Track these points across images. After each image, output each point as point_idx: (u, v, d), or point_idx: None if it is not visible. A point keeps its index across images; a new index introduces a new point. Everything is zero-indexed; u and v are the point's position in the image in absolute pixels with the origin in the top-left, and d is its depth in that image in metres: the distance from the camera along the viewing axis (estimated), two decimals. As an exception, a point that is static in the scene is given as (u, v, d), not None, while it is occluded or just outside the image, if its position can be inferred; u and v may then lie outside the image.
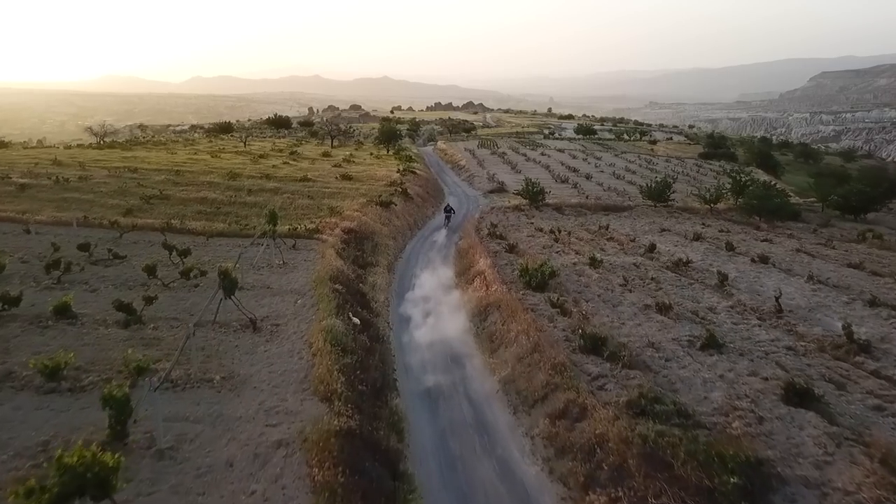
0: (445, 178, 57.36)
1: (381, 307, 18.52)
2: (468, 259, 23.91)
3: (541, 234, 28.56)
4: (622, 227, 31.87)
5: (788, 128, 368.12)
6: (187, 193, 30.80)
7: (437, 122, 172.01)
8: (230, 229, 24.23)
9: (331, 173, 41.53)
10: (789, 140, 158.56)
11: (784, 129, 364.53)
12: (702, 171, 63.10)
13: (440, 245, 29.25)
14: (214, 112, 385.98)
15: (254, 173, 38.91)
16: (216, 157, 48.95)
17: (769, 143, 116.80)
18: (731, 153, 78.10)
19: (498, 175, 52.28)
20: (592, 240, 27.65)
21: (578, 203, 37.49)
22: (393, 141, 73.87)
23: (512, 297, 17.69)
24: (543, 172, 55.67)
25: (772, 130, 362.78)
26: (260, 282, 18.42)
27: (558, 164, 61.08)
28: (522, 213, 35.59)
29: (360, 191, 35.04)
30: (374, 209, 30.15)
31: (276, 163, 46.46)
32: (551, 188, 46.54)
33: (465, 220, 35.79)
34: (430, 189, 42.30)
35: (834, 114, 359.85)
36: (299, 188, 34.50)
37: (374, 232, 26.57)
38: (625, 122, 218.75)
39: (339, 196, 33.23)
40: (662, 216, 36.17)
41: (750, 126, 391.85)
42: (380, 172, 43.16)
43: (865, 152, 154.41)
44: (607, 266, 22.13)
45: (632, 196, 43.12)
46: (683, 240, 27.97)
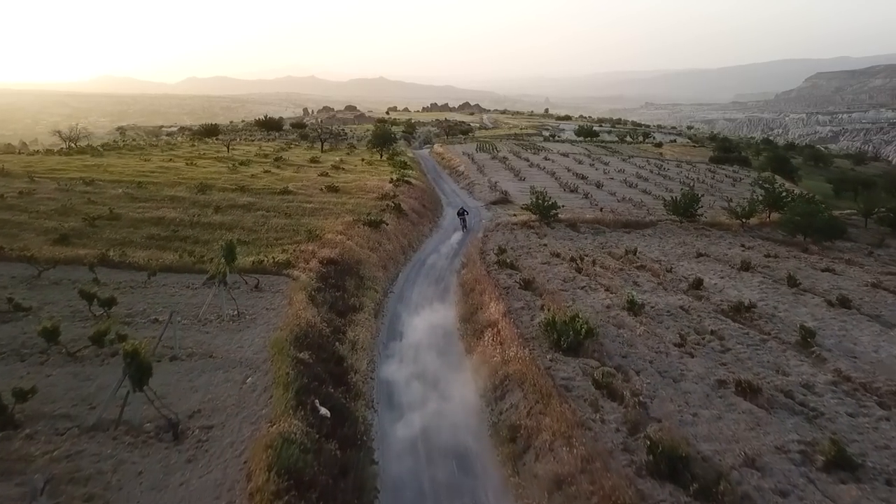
0: (443, 185, 52.70)
1: (362, 379, 13.84)
2: (474, 298, 19.30)
3: (558, 262, 23.94)
4: (650, 250, 27.30)
5: (785, 128, 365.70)
6: (143, 212, 26.06)
7: (433, 123, 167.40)
8: (181, 262, 19.51)
9: (316, 184, 36.83)
10: (794, 142, 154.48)
11: (781, 130, 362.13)
12: (717, 177, 58.63)
13: (440, 270, 24.65)
14: (209, 113, 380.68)
15: (228, 185, 34.18)
16: (192, 164, 44.18)
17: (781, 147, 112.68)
18: (743, 157, 73.68)
19: (500, 183, 47.67)
20: (621, 269, 23.03)
21: (595, 219, 32.90)
22: (387, 144, 69.17)
23: (538, 369, 13.09)
24: (549, 180, 51.09)
25: (769, 131, 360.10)
26: (202, 345, 13.74)
27: (564, 171, 56.50)
28: (532, 230, 30.99)
29: (347, 206, 30.36)
30: (362, 230, 25.48)
31: (257, 171, 41.72)
32: (560, 198, 41.95)
33: (469, 237, 31.30)
34: (426, 201, 37.65)
35: (830, 114, 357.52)
36: (276, 203, 29.80)
37: (359, 261, 21.91)
38: (622, 122, 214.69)
39: (321, 213, 28.56)
40: (691, 234, 31.62)
41: (747, 127, 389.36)
42: (371, 182, 38.47)
43: (872, 154, 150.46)
44: (650, 311, 17.54)
45: (651, 208, 38.58)
46: (729, 269, 23.39)
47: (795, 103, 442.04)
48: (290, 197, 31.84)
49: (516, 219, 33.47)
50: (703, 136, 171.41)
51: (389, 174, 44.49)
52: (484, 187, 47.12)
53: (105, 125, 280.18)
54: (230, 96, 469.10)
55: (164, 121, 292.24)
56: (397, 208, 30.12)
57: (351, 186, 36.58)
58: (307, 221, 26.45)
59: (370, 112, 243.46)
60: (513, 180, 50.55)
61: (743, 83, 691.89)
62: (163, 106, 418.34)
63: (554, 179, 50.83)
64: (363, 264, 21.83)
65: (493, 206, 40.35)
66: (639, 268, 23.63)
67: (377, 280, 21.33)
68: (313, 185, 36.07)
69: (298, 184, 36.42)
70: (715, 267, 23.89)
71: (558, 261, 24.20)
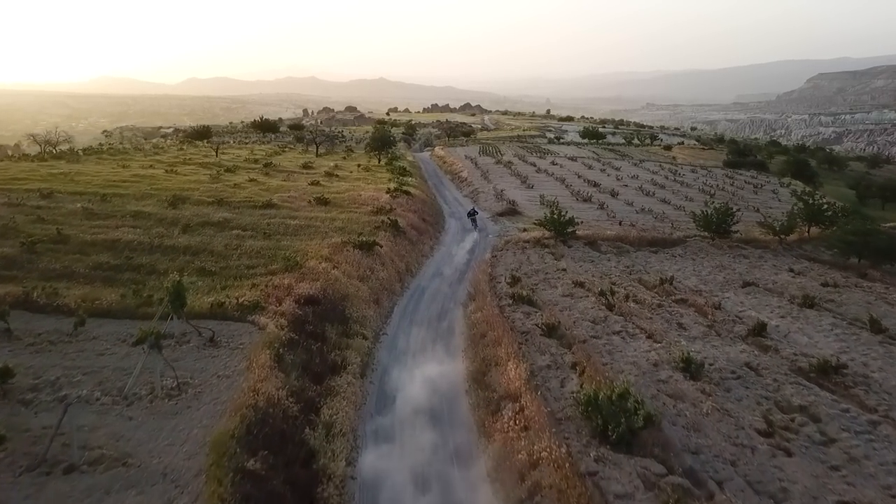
0: (445, 193, 48.88)
1: (337, 491, 9.98)
2: (487, 349, 15.46)
3: (583, 294, 20.09)
4: (684, 275, 23.43)
5: (788, 129, 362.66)
6: (97, 233, 22.22)
7: (434, 124, 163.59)
8: (122, 304, 15.66)
9: (304, 195, 33.00)
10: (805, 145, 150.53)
11: (783, 131, 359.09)
12: (736, 183, 54.72)
13: (442, 301, 20.82)
14: (210, 114, 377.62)
15: (205, 197, 30.34)
16: (172, 171, 40.32)
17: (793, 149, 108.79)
18: (760, 161, 69.76)
19: (507, 191, 43.82)
20: (659, 304, 19.18)
21: (617, 235, 29.02)
22: (386, 148, 65.36)
23: (580, 481, 9.30)
24: (559, 187, 47.25)
25: (771, 132, 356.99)
26: (117, 442, 9.90)
27: (574, 177, 52.63)
28: (547, 250, 27.12)
29: (337, 223, 26.53)
30: (351, 255, 21.64)
31: (242, 179, 37.85)
32: (573, 209, 38.13)
33: (478, 255, 27.50)
34: (427, 214, 33.79)
35: (833, 115, 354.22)
36: (256, 220, 25.95)
37: (346, 297, 18.07)
38: (625, 124, 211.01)
39: (306, 232, 24.71)
40: (726, 254, 27.77)
41: (749, 128, 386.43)
42: (365, 193, 34.62)
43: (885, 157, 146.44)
44: (712, 372, 13.72)
45: (675, 221, 34.74)
46: (787, 304, 19.52)
47: (797, 104, 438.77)
48: (272, 212, 28.00)
49: (528, 235, 29.62)
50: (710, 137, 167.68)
51: (387, 182, 40.65)
52: (489, 196, 43.28)
53: (104, 126, 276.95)
54: (230, 97, 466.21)
55: (164, 121, 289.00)
56: (394, 225, 26.27)
57: (343, 198, 32.72)
58: (288, 244, 22.60)
59: (370, 113, 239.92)
60: (520, 188, 46.70)
61: (743, 84, 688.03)
62: (163, 107, 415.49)
63: (564, 187, 46.97)
64: (350, 301, 17.98)
65: (501, 217, 36.51)
66: (679, 302, 19.78)
67: (367, 321, 17.47)
68: (301, 197, 32.23)
69: (285, 195, 32.57)
70: (769, 301, 20.01)
71: (583, 292, 20.35)
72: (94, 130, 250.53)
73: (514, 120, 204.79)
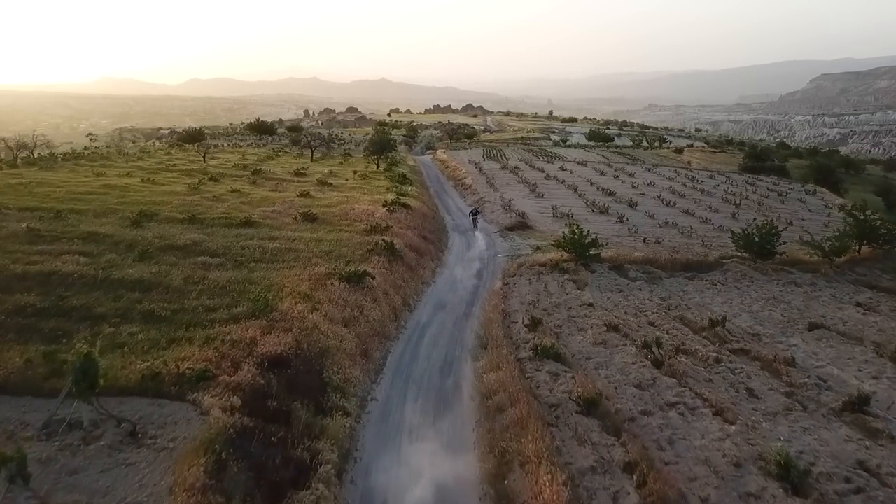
0: (448, 202, 45.10)
1: None
2: (506, 434, 11.63)
3: (619, 341, 16.26)
4: (735, 313, 19.52)
5: (791, 130, 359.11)
6: (33, 263, 18.38)
7: (435, 125, 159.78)
8: (23, 375, 11.84)
9: (291, 209, 29.19)
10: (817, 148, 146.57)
11: (787, 132, 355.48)
12: (758, 190, 50.82)
13: (446, 347, 17.04)
14: (211, 114, 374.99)
15: (177, 212, 26.56)
16: (149, 180, 36.52)
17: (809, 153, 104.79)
18: (780, 167, 65.79)
19: (515, 201, 39.99)
20: (716, 358, 15.29)
21: (645, 258, 25.15)
22: (385, 152, 61.62)
23: None
24: (572, 196, 43.42)
25: (774, 133, 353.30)
26: None
27: (586, 184, 48.78)
28: (567, 276, 23.26)
29: (323, 245, 22.69)
30: (336, 289, 17.82)
31: (225, 190, 34.03)
32: (589, 222, 34.35)
33: (487, 280, 23.73)
34: (428, 230, 29.95)
35: (837, 116, 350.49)
36: (230, 242, 22.15)
37: (325, 352, 14.24)
38: (629, 125, 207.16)
39: (286, 258, 20.89)
40: (773, 280, 23.87)
41: (752, 128, 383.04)
42: (360, 206, 30.79)
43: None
44: (818, 484, 9.90)
45: (703, 237, 30.91)
46: (875, 356, 15.60)
47: (800, 105, 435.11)
48: (250, 231, 24.15)
49: (543, 257, 25.75)
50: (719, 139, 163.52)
51: (384, 192, 36.88)
52: (496, 206, 39.46)
53: (105, 126, 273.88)
54: (232, 98, 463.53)
55: (166, 122, 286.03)
56: (389, 248, 22.42)
57: (333, 213, 28.88)
58: (262, 275, 18.78)
59: (372, 114, 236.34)
60: (529, 197, 42.87)
61: (745, 84, 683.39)
62: (164, 107, 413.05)
63: (577, 196, 43.12)
64: (331, 357, 14.16)
65: (510, 232, 32.69)
66: (738, 353, 15.90)
67: (350, 385, 13.63)
68: (286, 212, 28.42)
69: (268, 209, 28.76)
70: (849, 351, 16.12)
71: (618, 338, 16.50)
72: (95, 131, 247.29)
73: (516, 121, 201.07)
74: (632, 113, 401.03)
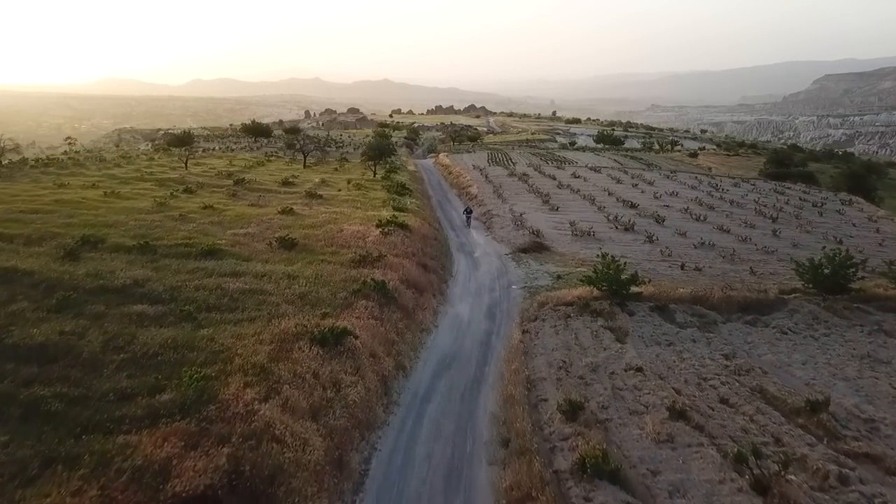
0: (451, 214, 40.54)
1: None
2: None
3: (691, 436, 11.65)
4: (828, 383, 14.90)
5: (796, 132, 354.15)
6: None
7: (437, 127, 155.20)
8: None
9: (268, 230, 24.62)
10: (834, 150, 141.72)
11: (792, 133, 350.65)
12: (790, 200, 46.07)
13: (452, 436, 12.52)
14: (213, 115, 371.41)
15: (128, 237, 21.98)
16: (114, 193, 31.83)
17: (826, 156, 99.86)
18: (807, 173, 61.00)
19: (527, 215, 35.37)
20: (839, 473, 10.69)
21: (693, 295, 20.48)
22: (384, 157, 57.06)
23: None
24: (589, 209, 38.77)
25: (779, 134, 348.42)
26: None
27: (603, 194, 44.11)
28: (601, 321, 18.63)
29: (299, 284, 18.09)
30: (306, 358, 13.20)
31: (196, 206, 29.42)
32: (613, 241, 29.80)
33: (501, 322, 19.18)
34: (430, 255, 25.29)
35: (841, 117, 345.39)
36: (182, 281, 17.58)
37: (277, 473, 9.63)
38: (634, 126, 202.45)
39: (248, 305, 16.27)
40: (854, 325, 19.18)
41: (756, 129, 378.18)
42: (350, 227, 26.13)
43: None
44: None
45: (747, 259, 26.30)
46: None
47: (804, 105, 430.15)
48: (212, 264, 19.55)
49: (568, 292, 21.11)
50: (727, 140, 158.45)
51: (380, 206, 32.35)
52: (506, 221, 34.83)
53: (107, 127, 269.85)
54: (234, 98, 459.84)
55: (168, 123, 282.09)
56: (380, 289, 17.82)
57: (318, 236, 24.23)
58: (210, 334, 14.13)
59: (373, 115, 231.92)
60: (542, 210, 38.22)
61: (748, 85, 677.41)
62: (166, 108, 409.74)
63: (596, 209, 38.45)
64: (286, 480, 9.56)
65: (524, 255, 28.05)
66: (862, 459, 11.31)
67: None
68: (262, 235, 23.82)
69: (241, 232, 24.17)
70: None
71: (690, 433, 11.87)
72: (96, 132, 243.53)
73: (520, 122, 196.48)
74: (635, 114, 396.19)
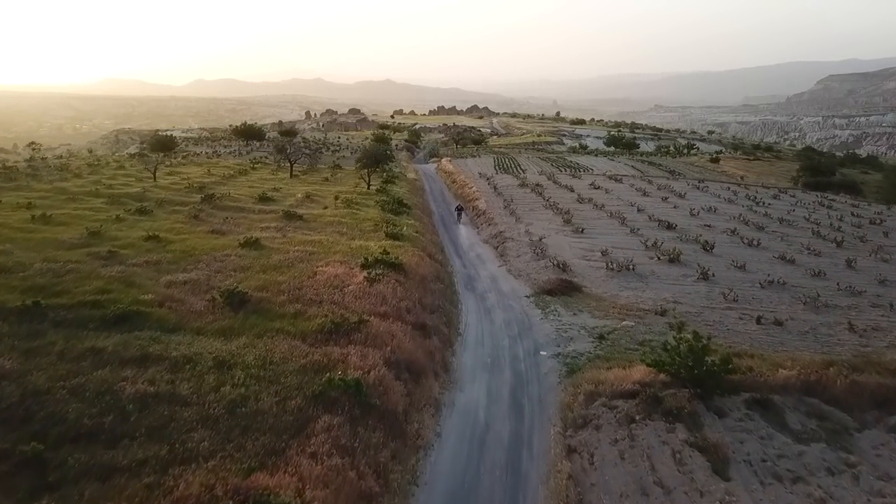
0: (457, 233, 34.47)
1: None
2: None
3: None
4: None
5: (801, 132, 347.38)
6: None
7: (440, 128, 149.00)
8: None
9: (218, 274, 18.49)
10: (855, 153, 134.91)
11: (797, 134, 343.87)
12: (843, 217, 39.71)
13: None
14: (215, 115, 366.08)
15: (15, 292, 15.85)
16: (45, 217, 25.52)
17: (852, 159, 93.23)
18: (850, 183, 54.63)
19: (548, 239, 29.17)
20: None
21: (803, 381, 14.28)
22: (381, 164, 50.89)
23: None
24: (620, 230, 32.50)
25: (784, 135, 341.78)
26: None
27: (631, 209, 37.84)
28: (680, 429, 12.48)
29: (229, 388, 11.84)
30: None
31: (138, 236, 23.02)
32: (657, 276, 23.59)
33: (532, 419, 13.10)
34: (430, 308, 18.99)
35: (847, 118, 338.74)
36: (54, 380, 11.47)
37: None
38: (640, 127, 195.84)
39: (142, 429, 10.14)
40: None
41: (761, 130, 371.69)
42: (326, 269, 19.87)
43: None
44: None
45: (840, 309, 20.12)
46: None
47: (808, 106, 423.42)
48: (116, 340, 13.34)
49: (623, 373, 14.91)
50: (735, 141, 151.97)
51: (371, 232, 26.23)
52: (523, 247, 28.65)
53: (108, 127, 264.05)
54: (236, 98, 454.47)
55: (169, 123, 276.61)
56: (354, 392, 11.65)
57: (281, 285, 17.99)
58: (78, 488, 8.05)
59: (375, 115, 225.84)
60: (564, 231, 31.99)
61: (750, 85, 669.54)
62: (168, 108, 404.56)
63: (628, 231, 32.16)
64: None
65: (549, 298, 21.80)
66: None
67: None
68: (206, 283, 17.63)
69: (181, 278, 17.99)
70: None
71: None
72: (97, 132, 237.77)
73: (524, 123, 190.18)
74: (638, 114, 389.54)
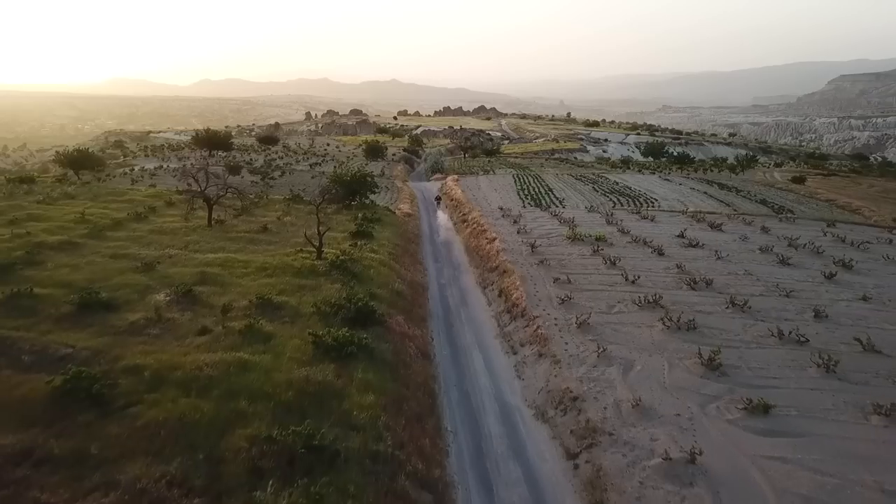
0: (471, 361, 17.77)
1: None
2: None
3: None
4: None
5: (817, 134, 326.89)
6: None
7: (445, 131, 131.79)
8: None
9: None
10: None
11: (813, 135, 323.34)
12: None
13: None
14: (219, 115, 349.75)
15: None
16: None
17: None
18: None
19: (700, 434, 12.49)
20: None
21: None
22: (362, 194, 34.45)
23: None
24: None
25: (798, 136, 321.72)
26: None
27: (788, 304, 20.85)
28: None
29: None
30: None
31: None
32: None
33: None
34: None
35: (864, 118, 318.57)
36: None
37: None
38: (660, 129, 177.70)
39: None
40: None
41: (774, 131, 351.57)
42: None
43: None
44: None
45: None
46: None
47: (819, 106, 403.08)
48: None
49: None
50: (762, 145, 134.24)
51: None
52: (644, 459, 11.84)
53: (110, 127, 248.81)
54: (242, 98, 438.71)
55: (173, 123, 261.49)
56: None
57: None
58: None
59: (377, 116, 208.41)
60: (694, 370, 15.02)
61: (759, 85, 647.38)
62: (172, 108, 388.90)
63: (832, 392, 15.22)
64: None
65: None
66: None
67: None
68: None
69: None
70: None
71: None
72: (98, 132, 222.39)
73: (535, 125, 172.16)
74: (645, 114, 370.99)
